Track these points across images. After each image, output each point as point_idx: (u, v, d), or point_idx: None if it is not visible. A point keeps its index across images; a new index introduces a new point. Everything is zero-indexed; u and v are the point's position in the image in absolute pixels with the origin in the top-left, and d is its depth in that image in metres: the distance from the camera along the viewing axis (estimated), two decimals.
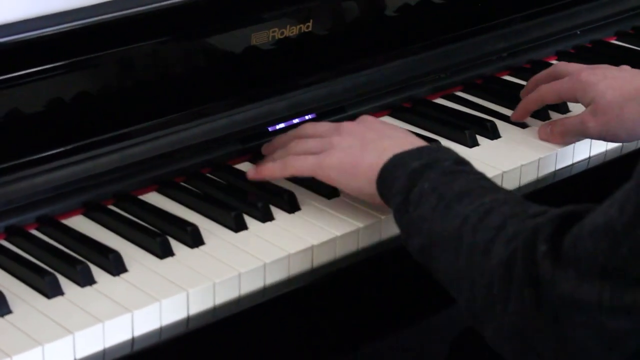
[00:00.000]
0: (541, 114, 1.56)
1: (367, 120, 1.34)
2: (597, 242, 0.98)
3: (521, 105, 1.54)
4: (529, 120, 1.55)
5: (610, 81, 1.44)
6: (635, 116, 1.42)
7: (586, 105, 1.46)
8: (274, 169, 1.32)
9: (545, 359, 1.04)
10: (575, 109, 1.57)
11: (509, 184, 1.43)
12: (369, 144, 1.28)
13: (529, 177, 1.45)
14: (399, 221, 1.20)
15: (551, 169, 1.48)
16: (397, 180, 1.20)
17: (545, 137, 1.50)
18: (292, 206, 1.32)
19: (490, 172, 1.36)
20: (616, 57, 1.78)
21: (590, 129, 1.44)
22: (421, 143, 1.27)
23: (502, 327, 1.06)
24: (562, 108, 1.58)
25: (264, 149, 1.41)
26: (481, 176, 1.20)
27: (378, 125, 1.33)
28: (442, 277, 1.14)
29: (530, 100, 1.53)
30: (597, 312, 0.98)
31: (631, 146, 1.55)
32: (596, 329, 0.99)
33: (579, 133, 1.47)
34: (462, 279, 1.10)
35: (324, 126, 1.35)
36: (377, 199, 1.25)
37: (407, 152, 1.23)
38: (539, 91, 1.52)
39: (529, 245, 1.03)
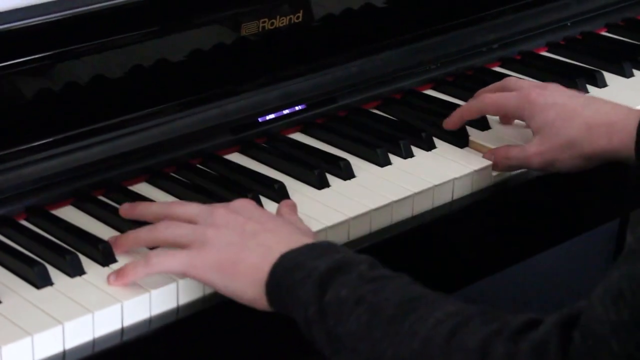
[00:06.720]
0: (480, 123, 1.49)
1: (244, 207, 1.18)
2: (622, 340, 0.87)
3: (457, 112, 1.44)
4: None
5: (560, 109, 1.34)
6: (584, 153, 1.33)
7: (532, 128, 1.37)
8: (136, 271, 1.14)
9: None
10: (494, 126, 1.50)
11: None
12: (250, 239, 1.13)
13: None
14: (312, 334, 1.06)
15: None
16: (302, 287, 1.06)
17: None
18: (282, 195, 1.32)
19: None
20: (606, 49, 1.78)
21: (534, 164, 1.37)
22: (306, 239, 1.13)
23: None
24: (481, 125, 1.49)
25: (123, 209, 1.23)
26: (406, 280, 1.05)
27: (257, 214, 1.17)
28: None
29: (470, 107, 1.43)
30: None
31: None
32: None
33: (521, 164, 1.38)
34: None
35: (196, 209, 1.18)
36: (262, 303, 1.11)
37: (297, 250, 1.09)
38: (482, 100, 1.42)
39: None
